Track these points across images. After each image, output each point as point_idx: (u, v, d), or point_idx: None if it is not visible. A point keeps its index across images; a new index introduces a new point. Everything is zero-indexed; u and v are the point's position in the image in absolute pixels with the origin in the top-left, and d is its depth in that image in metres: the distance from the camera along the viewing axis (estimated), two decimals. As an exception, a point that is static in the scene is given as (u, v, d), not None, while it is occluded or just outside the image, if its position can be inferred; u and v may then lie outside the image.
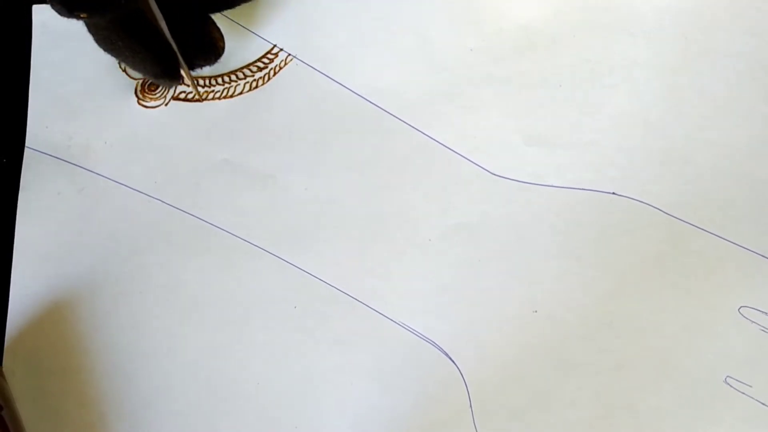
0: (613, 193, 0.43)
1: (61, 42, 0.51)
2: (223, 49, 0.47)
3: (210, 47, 0.47)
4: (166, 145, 0.48)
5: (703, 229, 0.41)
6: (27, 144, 0.49)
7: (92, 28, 0.44)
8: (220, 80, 0.49)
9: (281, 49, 0.49)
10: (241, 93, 0.48)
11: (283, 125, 0.47)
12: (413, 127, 0.46)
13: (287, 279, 0.44)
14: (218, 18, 0.49)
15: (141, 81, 0.50)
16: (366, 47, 0.48)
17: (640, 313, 0.41)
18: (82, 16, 0.39)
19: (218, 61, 0.48)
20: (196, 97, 0.48)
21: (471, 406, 0.41)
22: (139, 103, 0.49)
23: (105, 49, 0.46)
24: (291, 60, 0.48)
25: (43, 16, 0.52)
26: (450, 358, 0.41)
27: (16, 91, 0.51)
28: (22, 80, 0.51)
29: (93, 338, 0.45)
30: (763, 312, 0.40)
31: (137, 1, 0.42)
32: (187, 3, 0.45)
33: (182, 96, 0.49)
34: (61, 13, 0.39)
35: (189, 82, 0.48)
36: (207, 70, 0.49)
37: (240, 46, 0.49)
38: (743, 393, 0.39)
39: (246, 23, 0.49)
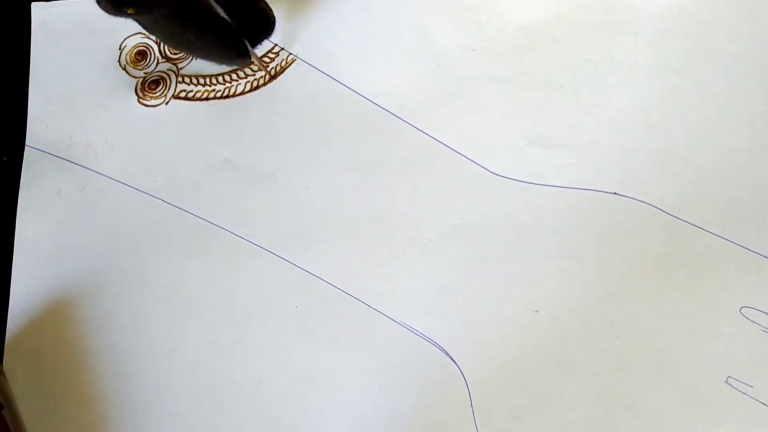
0: (615, 194, 0.43)
1: (61, 40, 0.52)
2: (274, 18, 0.47)
3: (264, 19, 0.47)
4: (166, 144, 0.48)
5: (704, 230, 0.41)
6: (27, 143, 0.49)
7: (157, 30, 0.44)
8: (221, 79, 0.49)
9: (282, 48, 0.49)
10: (242, 93, 0.48)
11: (283, 125, 0.47)
12: (414, 126, 0.46)
13: (288, 279, 0.44)
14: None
15: (141, 79, 0.50)
16: (367, 47, 0.48)
17: (640, 314, 0.41)
18: (129, 12, 0.39)
19: (274, 31, 0.48)
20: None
21: (472, 405, 0.41)
22: (139, 102, 0.49)
23: (175, 47, 0.46)
24: (292, 59, 0.48)
25: (42, 15, 0.52)
26: (451, 358, 0.41)
27: (17, 90, 0.51)
28: (23, 79, 0.51)
29: (94, 338, 0.45)
30: (764, 312, 0.39)
31: None
32: None
33: (182, 95, 0.49)
34: (107, 11, 0.38)
35: (256, 60, 0.47)
36: (199, 68, 0.49)
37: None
38: (744, 393, 0.38)
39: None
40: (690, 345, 0.40)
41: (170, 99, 0.49)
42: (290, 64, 0.48)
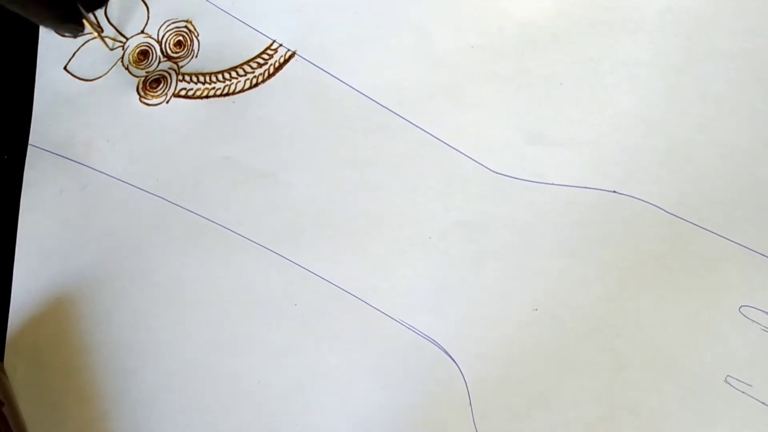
0: (614, 192, 0.43)
1: (65, 41, 0.52)
2: None
3: None
4: (167, 143, 0.48)
5: (704, 228, 0.41)
6: (30, 142, 0.50)
7: None
8: (220, 77, 0.49)
9: (280, 45, 0.49)
10: (241, 90, 0.48)
11: (283, 122, 0.47)
12: (414, 124, 0.46)
13: (287, 276, 0.44)
14: (214, 13, 0.49)
15: (143, 78, 0.50)
16: (367, 44, 0.48)
17: (640, 312, 0.40)
18: None
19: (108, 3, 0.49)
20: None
21: (471, 404, 0.40)
22: (140, 101, 0.49)
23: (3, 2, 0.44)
24: (291, 56, 0.49)
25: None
26: (450, 356, 0.41)
27: (21, 89, 0.51)
28: (27, 78, 0.51)
29: (94, 335, 0.45)
30: (763, 311, 0.39)
31: None
32: None
33: (183, 93, 0.49)
34: None
35: (91, 28, 0.47)
36: (199, 66, 0.49)
37: (239, 42, 0.49)
38: (743, 392, 0.38)
39: (244, 18, 0.50)
40: (689, 344, 0.40)
41: (171, 97, 0.49)
42: (288, 60, 0.48)
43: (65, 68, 0.51)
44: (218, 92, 0.49)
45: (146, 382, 0.44)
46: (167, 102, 0.49)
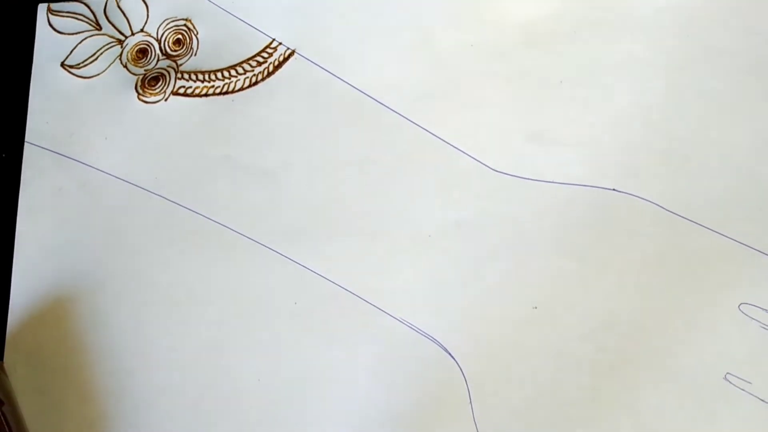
0: (614, 190, 0.43)
1: (62, 38, 0.52)
2: None
3: None
4: (166, 141, 0.48)
5: (703, 226, 0.41)
6: (27, 139, 0.50)
7: None
8: (219, 75, 0.49)
9: (280, 43, 0.49)
10: (241, 88, 0.48)
11: (282, 120, 0.47)
12: (414, 122, 0.46)
13: (287, 275, 0.44)
14: (214, 12, 0.49)
15: (141, 76, 0.50)
16: (366, 42, 0.48)
17: (639, 310, 0.41)
18: None
19: None
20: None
21: (471, 402, 0.41)
22: (139, 98, 0.49)
23: None
24: (291, 54, 0.48)
25: (46, 13, 0.52)
26: (450, 355, 0.41)
27: (18, 87, 0.51)
28: (24, 76, 0.51)
29: (94, 334, 0.45)
30: (763, 309, 0.39)
31: None
32: None
33: (182, 91, 0.49)
34: None
35: None
36: (198, 64, 0.49)
37: (239, 40, 0.49)
38: (743, 390, 0.38)
39: (244, 16, 0.49)
40: (689, 341, 0.40)
41: (169, 95, 0.49)
42: (288, 59, 0.48)
43: (62, 65, 0.51)
44: (217, 90, 0.49)
45: (146, 381, 0.44)
46: (166, 100, 0.49)
